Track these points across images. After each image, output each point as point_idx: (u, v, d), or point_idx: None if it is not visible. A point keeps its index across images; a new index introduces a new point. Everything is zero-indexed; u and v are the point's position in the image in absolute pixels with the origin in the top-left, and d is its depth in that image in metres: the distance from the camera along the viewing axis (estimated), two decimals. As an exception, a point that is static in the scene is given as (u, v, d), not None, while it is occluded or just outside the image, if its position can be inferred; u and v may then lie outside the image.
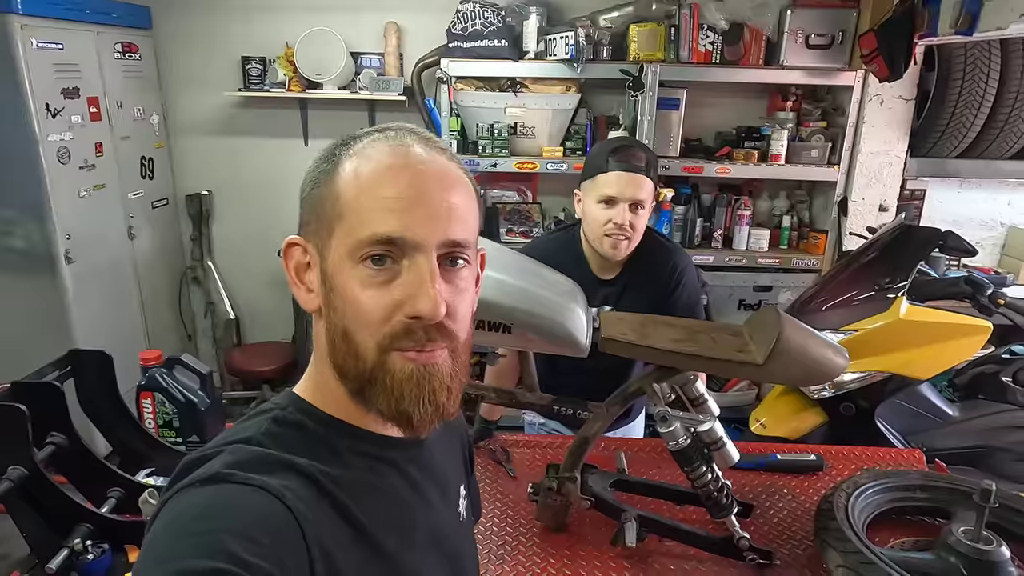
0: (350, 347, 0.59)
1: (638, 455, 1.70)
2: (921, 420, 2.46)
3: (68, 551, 1.26)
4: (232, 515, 0.52)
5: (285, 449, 0.59)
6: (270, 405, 0.64)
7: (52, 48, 2.68)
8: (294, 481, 0.56)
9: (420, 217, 0.58)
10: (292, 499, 0.55)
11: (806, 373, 1.17)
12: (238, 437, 0.60)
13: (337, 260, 0.59)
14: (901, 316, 2.28)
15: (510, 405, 1.42)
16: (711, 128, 3.38)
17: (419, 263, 0.58)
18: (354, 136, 0.63)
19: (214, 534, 0.50)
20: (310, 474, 0.58)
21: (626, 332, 1.23)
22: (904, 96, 2.99)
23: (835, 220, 3.18)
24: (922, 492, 1.39)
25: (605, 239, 1.60)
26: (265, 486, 0.54)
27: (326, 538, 0.56)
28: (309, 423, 0.62)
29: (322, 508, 0.57)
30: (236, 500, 0.53)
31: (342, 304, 0.59)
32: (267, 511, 0.53)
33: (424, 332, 0.58)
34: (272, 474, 0.56)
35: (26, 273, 2.80)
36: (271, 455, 0.58)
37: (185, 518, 0.53)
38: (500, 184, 3.48)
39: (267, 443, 0.59)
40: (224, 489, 0.54)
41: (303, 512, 0.55)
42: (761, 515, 1.46)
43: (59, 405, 1.38)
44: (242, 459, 0.57)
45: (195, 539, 0.50)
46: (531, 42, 3.00)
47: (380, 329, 0.58)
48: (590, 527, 1.40)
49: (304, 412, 0.63)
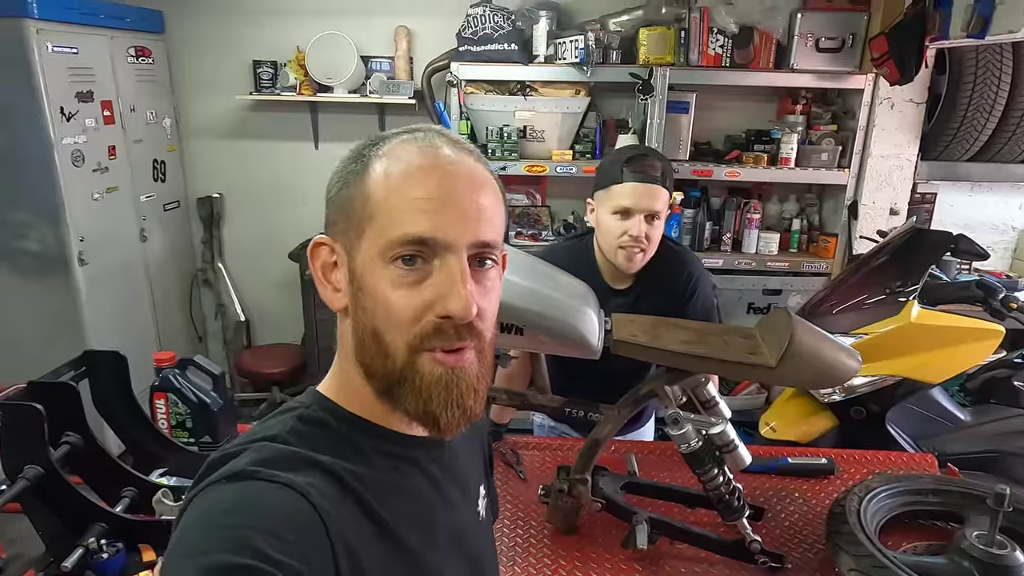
0: (380, 347, 0.60)
1: (648, 458, 1.69)
2: (932, 424, 2.44)
3: (83, 550, 1.27)
4: (258, 512, 0.53)
5: (309, 447, 0.59)
6: (295, 403, 0.65)
7: (67, 52, 2.71)
8: (318, 479, 0.57)
9: (451, 218, 0.58)
10: (317, 496, 0.55)
11: (818, 376, 1.17)
12: (263, 435, 0.60)
13: (367, 260, 0.59)
14: (912, 320, 2.27)
15: (522, 407, 1.42)
16: (721, 131, 3.38)
17: (450, 263, 0.58)
18: (383, 137, 0.64)
19: (241, 530, 0.51)
20: (334, 472, 0.58)
21: (637, 334, 1.23)
22: (915, 99, 2.98)
23: (845, 223, 3.17)
24: (935, 496, 1.38)
25: (620, 252, 1.58)
26: (290, 483, 0.55)
27: (350, 535, 0.56)
28: (333, 421, 0.63)
29: (346, 506, 0.58)
30: (262, 497, 0.54)
31: (372, 304, 0.59)
32: (292, 508, 0.54)
33: (455, 332, 0.59)
34: (297, 471, 0.56)
35: (40, 275, 2.82)
36: (296, 453, 0.58)
37: (212, 513, 0.53)
38: (509, 187, 3.49)
39: (292, 441, 0.60)
40: (250, 486, 0.55)
41: (327, 509, 0.55)
42: (773, 518, 1.46)
43: (75, 405, 1.39)
44: (267, 456, 0.57)
45: (222, 534, 0.51)
46: (541, 46, 3.01)
47: (411, 329, 0.58)
48: (601, 529, 1.41)
49: (328, 410, 0.64)
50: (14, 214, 2.75)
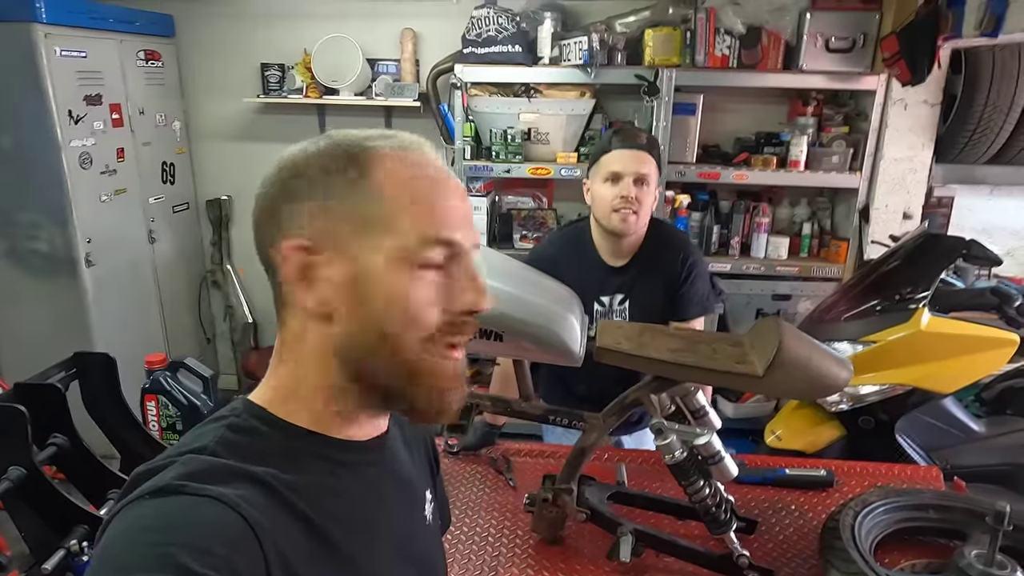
0: (388, 347, 0.60)
1: (641, 467, 1.66)
2: (944, 435, 2.37)
3: (64, 551, 1.27)
4: (183, 527, 0.51)
5: (240, 458, 0.58)
6: (225, 412, 0.64)
7: (76, 56, 2.75)
8: (249, 491, 0.56)
9: (467, 223, 0.63)
10: (247, 508, 0.54)
11: (808, 386, 1.13)
12: (191, 447, 0.59)
13: (381, 264, 0.59)
14: (923, 327, 2.21)
15: (505, 414, 1.40)
16: (731, 134, 3.32)
17: (470, 264, 0.63)
18: (363, 144, 0.62)
19: (164, 547, 0.49)
20: (265, 482, 0.57)
21: (621, 342, 1.20)
22: (929, 100, 2.90)
23: (857, 228, 3.10)
24: (935, 512, 1.33)
25: (614, 215, 1.63)
26: (219, 496, 0.53)
27: (284, 545, 0.55)
28: (265, 428, 0.62)
29: (279, 515, 0.57)
30: (188, 512, 0.53)
31: (384, 306, 0.59)
32: (221, 522, 0.53)
33: (469, 326, 0.63)
34: (226, 484, 0.55)
35: (48, 275, 2.86)
36: (225, 465, 0.57)
37: (133, 530, 0.52)
38: (515, 190, 3.47)
39: (221, 452, 0.58)
40: (175, 501, 0.53)
41: (259, 520, 0.54)
42: (766, 531, 1.42)
43: (60, 407, 1.39)
44: (195, 470, 0.56)
45: (144, 551, 0.49)
46: (545, 47, 2.98)
47: (430, 328, 0.61)
48: (587, 540, 1.37)
49: (259, 418, 0.63)
50: (23, 215, 2.79)
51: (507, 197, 3.47)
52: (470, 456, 1.69)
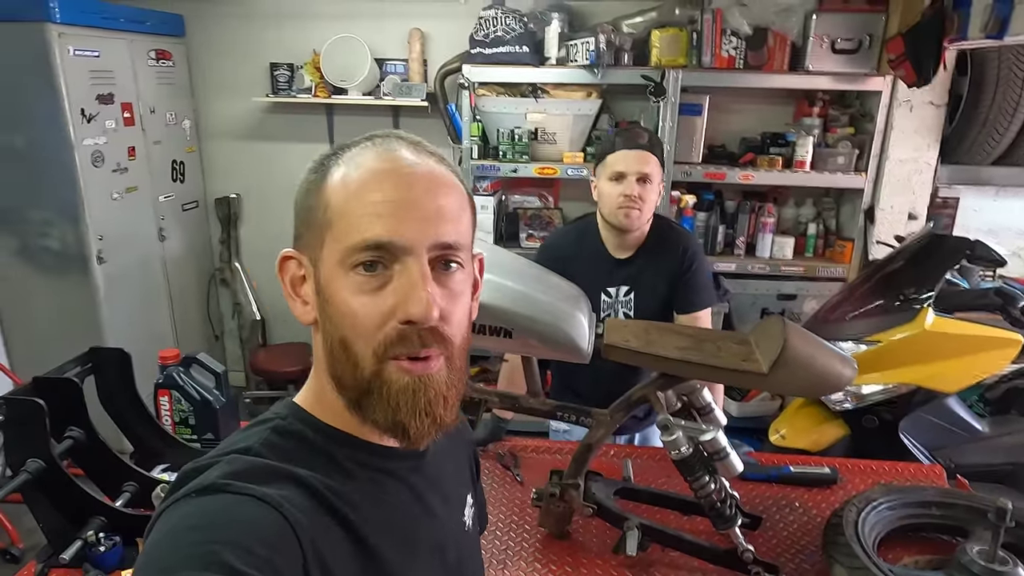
0: (348, 357, 0.59)
1: (647, 463, 1.68)
2: (948, 435, 2.38)
3: (81, 542, 1.29)
4: (228, 526, 0.52)
5: (284, 459, 0.59)
6: (271, 415, 0.64)
7: (88, 55, 2.78)
8: (292, 491, 0.56)
9: (408, 220, 0.57)
10: (289, 509, 0.54)
11: (812, 384, 1.15)
12: (237, 447, 0.59)
13: (330, 269, 0.59)
14: (927, 327, 2.22)
15: (513, 410, 1.42)
16: (737, 134, 3.33)
17: (410, 266, 0.57)
18: (344, 145, 0.63)
19: (209, 544, 0.50)
20: (309, 484, 0.58)
21: (629, 339, 1.22)
22: (935, 102, 2.91)
23: (862, 228, 3.11)
24: (937, 509, 1.35)
25: (619, 212, 1.70)
26: (263, 496, 0.54)
27: (324, 549, 0.56)
28: (309, 433, 0.62)
29: (320, 518, 0.57)
30: (232, 510, 0.53)
31: (337, 314, 0.59)
32: (264, 521, 0.53)
33: (419, 337, 0.57)
34: (269, 484, 0.55)
35: (61, 272, 2.89)
36: (269, 465, 0.58)
37: (179, 529, 0.52)
38: (522, 190, 3.49)
39: (266, 453, 0.59)
40: (220, 499, 0.54)
41: (301, 522, 0.54)
42: (770, 527, 1.44)
43: (77, 401, 1.42)
44: (239, 469, 0.56)
45: (190, 550, 0.50)
46: (552, 48, 3.00)
47: (375, 337, 0.57)
48: (593, 535, 1.40)
49: (304, 422, 0.63)
50: (36, 212, 2.82)
51: (514, 196, 3.49)
52: (479, 451, 1.71)
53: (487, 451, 1.72)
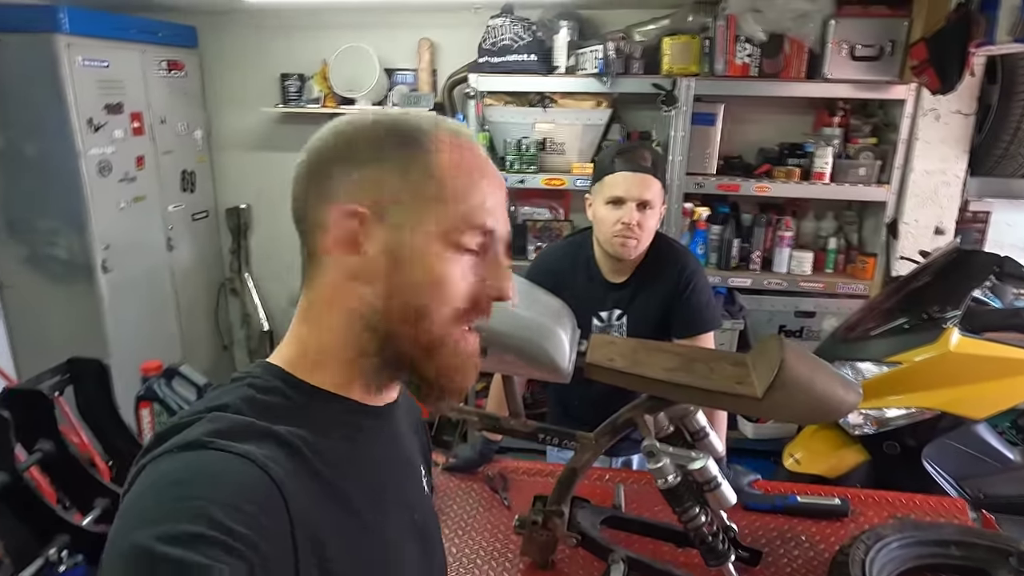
0: (420, 320, 0.62)
1: (644, 488, 1.58)
2: (977, 464, 2.23)
3: (43, 561, 1.24)
4: (213, 482, 0.52)
5: (264, 416, 0.59)
6: (242, 373, 0.64)
7: (97, 66, 2.80)
8: (274, 450, 0.56)
9: (503, 218, 0.66)
10: (275, 469, 0.54)
11: (810, 409, 1.05)
12: (215, 403, 0.59)
13: (426, 238, 0.62)
14: (951, 348, 2.09)
15: (495, 431, 1.34)
16: (754, 144, 3.23)
17: (502, 254, 0.66)
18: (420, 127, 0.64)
19: (194, 500, 0.49)
20: (290, 442, 0.58)
21: (614, 358, 1.14)
22: (963, 110, 2.78)
23: (885, 243, 2.97)
24: (957, 549, 1.23)
25: (615, 239, 1.60)
26: (247, 454, 0.54)
27: (307, 507, 0.56)
28: (286, 388, 0.63)
29: (302, 477, 0.57)
30: (218, 467, 0.53)
31: (422, 278, 0.62)
32: (249, 480, 0.53)
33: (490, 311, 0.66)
34: (253, 442, 0.55)
35: (67, 281, 2.90)
36: (252, 423, 0.57)
37: (163, 483, 0.52)
38: (532, 201, 3.42)
39: (245, 410, 0.59)
40: (204, 455, 0.53)
41: (284, 481, 0.54)
42: (772, 563, 1.33)
43: (47, 413, 1.38)
44: (222, 427, 0.56)
45: (174, 504, 0.50)
46: (561, 56, 2.94)
47: (458, 307, 0.63)
48: (579, 565, 1.31)
49: (280, 378, 0.63)
50: (43, 221, 2.83)
51: (523, 208, 3.42)
52: (466, 473, 1.64)
53: (476, 473, 1.64)
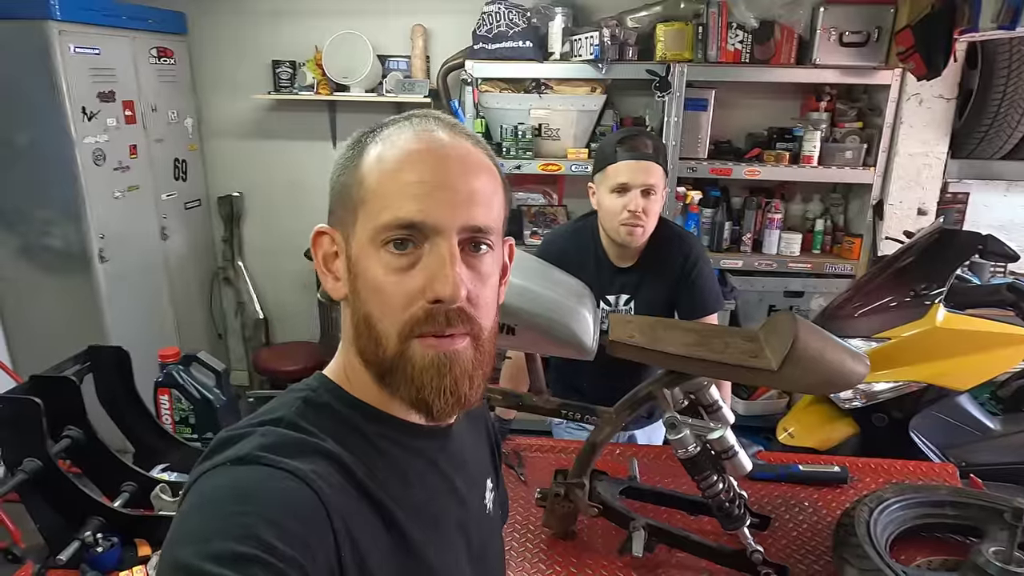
0: (372, 333, 0.60)
1: (654, 462, 1.65)
2: (959, 433, 2.35)
3: (79, 543, 1.27)
4: (262, 499, 0.52)
5: (315, 432, 0.59)
6: (301, 386, 0.65)
7: (89, 53, 2.76)
8: (323, 466, 0.57)
9: (441, 201, 0.58)
10: (321, 485, 0.55)
11: (823, 380, 1.12)
12: (269, 417, 0.60)
13: (361, 246, 0.60)
14: (937, 324, 2.18)
15: (518, 408, 1.40)
16: (743, 129, 3.30)
17: (439, 247, 0.58)
18: (381, 124, 0.65)
19: (244, 517, 0.50)
20: (339, 459, 0.58)
21: (634, 335, 1.19)
22: (945, 95, 2.87)
23: (870, 224, 3.07)
24: (952, 509, 1.32)
25: (622, 228, 1.63)
26: (295, 471, 0.54)
27: (353, 524, 0.56)
28: (339, 406, 0.63)
29: (349, 494, 0.57)
30: (267, 484, 0.53)
31: (365, 289, 0.60)
32: (296, 497, 0.53)
33: (445, 317, 0.58)
34: (302, 458, 0.56)
35: (63, 271, 2.88)
36: (301, 439, 0.58)
37: (215, 498, 0.53)
38: (526, 186, 3.46)
39: (297, 425, 0.59)
40: (255, 471, 0.54)
41: (331, 498, 0.55)
42: (779, 528, 1.41)
43: (75, 399, 1.40)
44: (273, 442, 0.57)
45: (224, 521, 0.50)
46: (556, 43, 2.97)
47: (401, 315, 0.58)
48: (599, 535, 1.37)
49: (333, 395, 0.63)
50: (38, 211, 2.81)
51: (518, 193, 3.46)
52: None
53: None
